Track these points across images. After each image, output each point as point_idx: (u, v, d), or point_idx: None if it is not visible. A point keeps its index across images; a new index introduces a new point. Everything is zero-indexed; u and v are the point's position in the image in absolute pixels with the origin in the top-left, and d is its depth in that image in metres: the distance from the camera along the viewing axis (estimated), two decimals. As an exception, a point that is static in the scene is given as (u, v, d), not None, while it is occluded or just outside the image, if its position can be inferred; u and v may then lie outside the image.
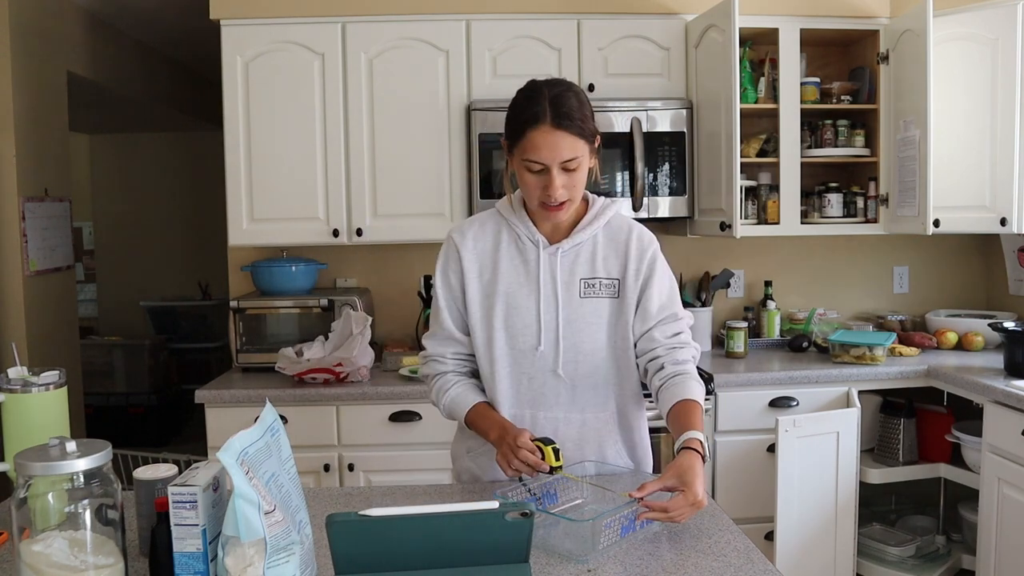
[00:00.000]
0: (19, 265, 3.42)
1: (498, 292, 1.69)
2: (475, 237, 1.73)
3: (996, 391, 2.61)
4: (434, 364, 1.77)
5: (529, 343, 1.69)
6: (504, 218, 1.73)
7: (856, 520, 2.88)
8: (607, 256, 1.72)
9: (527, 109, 1.57)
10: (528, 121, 1.56)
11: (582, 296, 1.69)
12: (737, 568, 1.32)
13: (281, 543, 1.12)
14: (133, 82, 4.78)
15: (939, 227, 3.02)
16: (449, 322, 1.74)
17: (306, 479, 2.80)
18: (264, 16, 3.08)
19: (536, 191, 1.60)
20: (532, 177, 1.60)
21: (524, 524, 1.21)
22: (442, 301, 1.74)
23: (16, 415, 1.44)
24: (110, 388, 5.43)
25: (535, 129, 1.56)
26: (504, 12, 3.12)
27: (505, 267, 1.70)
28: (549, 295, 1.68)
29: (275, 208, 3.12)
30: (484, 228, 1.74)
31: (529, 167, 1.59)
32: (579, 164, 1.59)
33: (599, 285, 1.70)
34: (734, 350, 3.20)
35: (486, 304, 1.71)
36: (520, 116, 1.58)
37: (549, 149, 1.56)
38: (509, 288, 1.70)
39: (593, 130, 1.62)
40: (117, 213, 6.89)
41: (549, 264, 1.69)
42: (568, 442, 1.70)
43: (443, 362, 1.76)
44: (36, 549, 1.14)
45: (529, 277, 1.70)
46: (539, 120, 1.56)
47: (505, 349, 1.70)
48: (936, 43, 2.96)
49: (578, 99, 1.60)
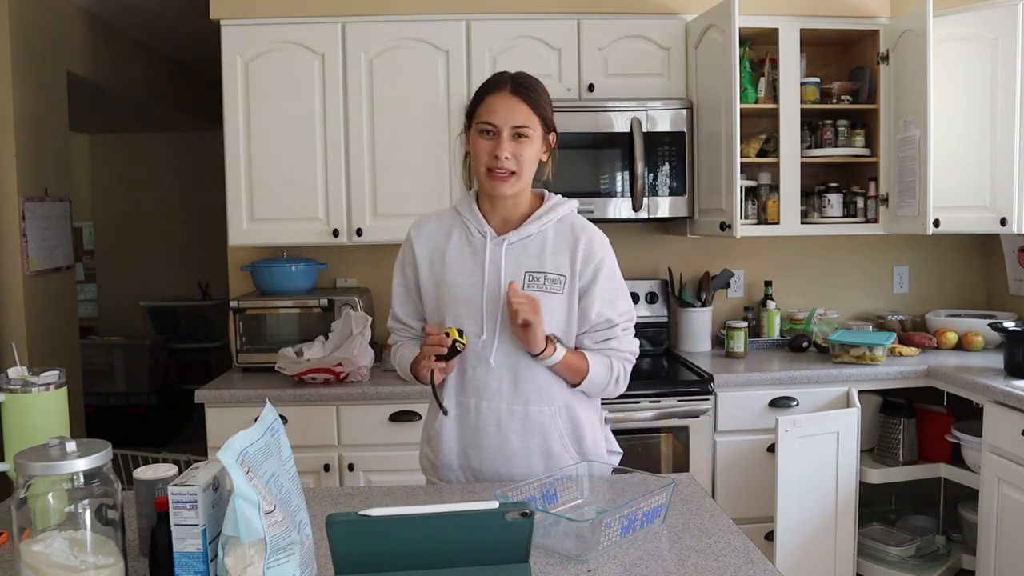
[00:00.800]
0: (19, 265, 3.42)
1: (447, 282, 1.76)
2: (429, 230, 1.83)
3: (996, 391, 2.61)
4: (393, 336, 1.94)
5: (473, 332, 1.72)
6: (458, 212, 1.82)
7: (856, 520, 2.88)
8: (556, 252, 1.75)
9: (490, 81, 1.71)
10: (488, 88, 1.70)
11: (524, 289, 1.71)
12: (737, 568, 1.32)
13: (281, 543, 1.12)
14: (133, 82, 4.78)
15: (939, 227, 3.02)
16: (399, 309, 1.88)
17: (306, 479, 2.80)
18: (264, 16, 3.09)
19: (485, 156, 1.69)
20: (484, 143, 1.69)
21: (524, 524, 1.21)
22: (396, 289, 1.87)
23: (16, 415, 1.44)
24: (110, 388, 5.43)
25: (493, 94, 1.69)
26: (504, 12, 3.12)
27: (453, 258, 1.77)
28: (492, 285, 1.72)
29: (275, 208, 3.12)
30: (440, 222, 1.84)
31: (483, 130, 1.69)
32: (530, 136, 1.70)
33: (544, 279, 1.73)
34: (734, 350, 3.20)
35: (436, 294, 1.78)
36: (483, 87, 1.71)
37: (504, 111, 1.67)
38: (456, 278, 1.75)
39: (549, 118, 1.75)
40: (117, 213, 6.90)
41: (494, 255, 1.73)
42: (511, 434, 1.74)
43: (398, 334, 1.92)
44: (36, 549, 1.14)
45: (476, 267, 1.74)
46: (499, 87, 1.69)
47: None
48: (936, 43, 2.96)
49: (541, 86, 1.74)
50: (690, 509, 1.59)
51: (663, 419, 2.83)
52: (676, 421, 2.84)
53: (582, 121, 3.06)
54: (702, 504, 1.62)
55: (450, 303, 1.75)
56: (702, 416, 2.86)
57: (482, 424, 1.75)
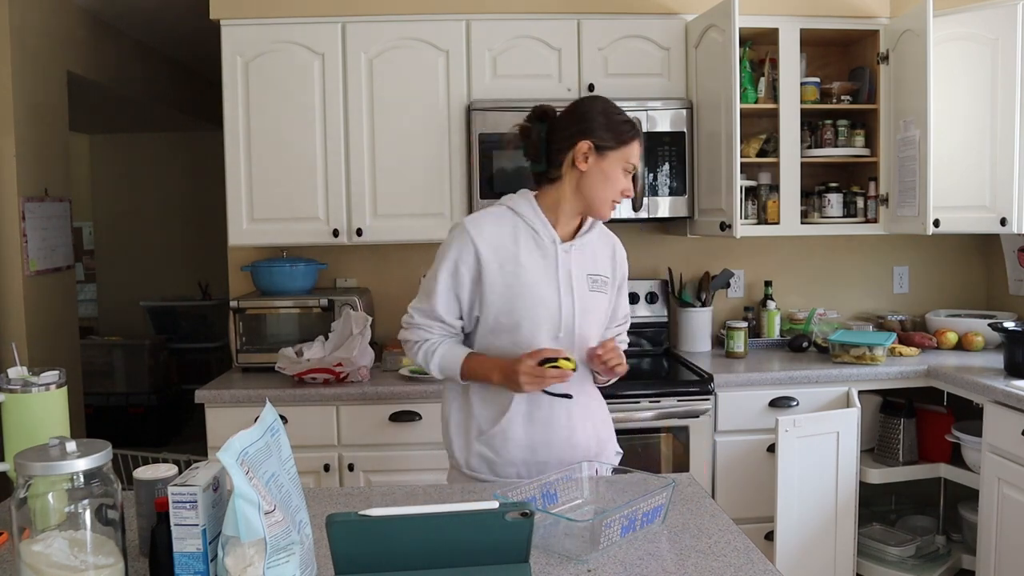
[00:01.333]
0: (19, 265, 3.42)
1: (524, 284, 1.81)
2: (491, 230, 1.83)
3: (996, 391, 2.61)
4: (419, 331, 1.88)
5: (551, 332, 1.83)
6: (519, 215, 1.86)
7: (856, 520, 2.88)
8: (600, 256, 1.94)
9: (628, 123, 1.83)
10: (634, 133, 1.83)
11: (590, 290, 1.88)
12: (737, 568, 1.32)
13: (281, 543, 1.12)
14: (133, 82, 4.78)
15: (939, 227, 3.02)
16: (441, 307, 1.84)
17: (306, 479, 2.80)
18: (264, 16, 3.09)
19: (618, 190, 1.83)
20: (622, 180, 1.84)
21: (524, 524, 1.21)
22: (441, 286, 1.83)
23: (16, 415, 1.44)
24: (110, 388, 5.43)
25: (637, 140, 1.84)
26: (504, 12, 3.12)
27: (526, 261, 1.82)
28: (566, 288, 1.84)
29: (275, 208, 3.12)
30: (500, 222, 1.85)
31: (626, 168, 1.83)
32: None
33: (599, 281, 1.91)
34: (734, 350, 3.20)
35: (509, 295, 1.81)
36: (625, 127, 1.82)
37: (638, 157, 1.86)
38: (533, 280, 1.82)
39: None
40: (117, 213, 6.90)
41: (564, 260, 1.85)
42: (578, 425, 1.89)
43: (429, 331, 1.87)
44: (36, 549, 1.14)
45: (549, 271, 1.84)
46: (638, 133, 1.85)
47: (529, 336, 1.81)
48: (936, 43, 2.96)
49: None
50: (690, 509, 1.59)
51: (663, 419, 2.83)
52: (676, 421, 2.84)
53: (582, 121, 3.06)
54: (702, 504, 1.62)
55: (529, 306, 1.81)
56: (702, 416, 2.86)
57: (554, 418, 1.85)
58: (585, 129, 1.80)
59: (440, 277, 1.82)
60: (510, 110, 3.03)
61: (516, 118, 3.00)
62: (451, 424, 1.91)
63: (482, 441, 1.86)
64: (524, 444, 1.84)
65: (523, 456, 1.85)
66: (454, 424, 1.91)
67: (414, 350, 1.88)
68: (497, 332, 1.83)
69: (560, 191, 1.84)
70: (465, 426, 1.89)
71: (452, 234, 1.84)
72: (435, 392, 2.81)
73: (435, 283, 1.83)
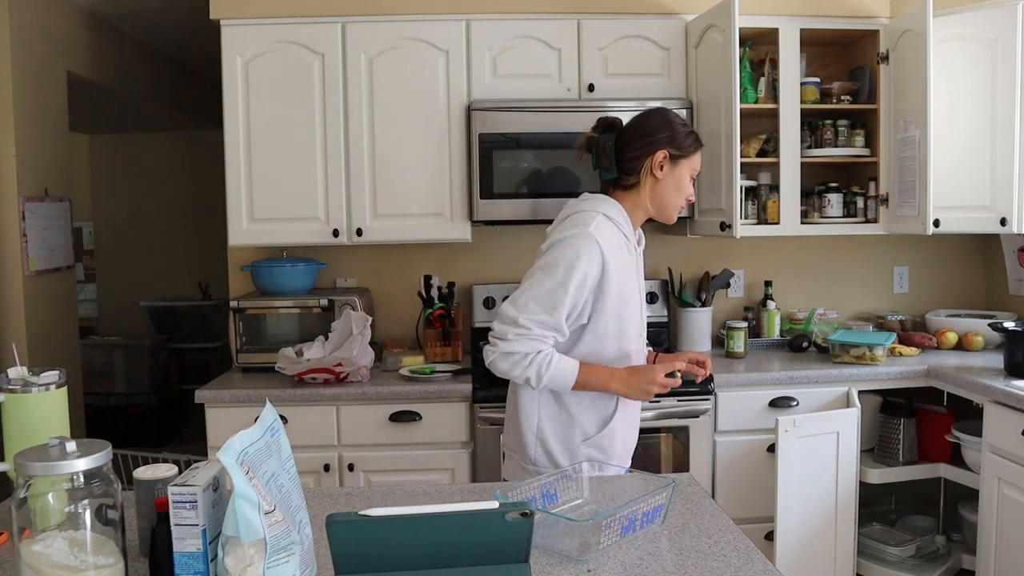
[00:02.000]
0: (19, 265, 3.42)
1: (629, 291, 1.91)
2: (608, 238, 1.87)
3: (996, 391, 2.61)
4: (533, 343, 1.83)
5: (639, 335, 1.98)
6: (613, 221, 1.90)
7: (856, 520, 2.88)
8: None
9: (693, 133, 1.95)
10: (699, 142, 1.96)
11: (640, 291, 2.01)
12: (737, 568, 1.32)
13: (281, 543, 1.12)
14: (134, 82, 4.78)
15: (939, 227, 3.02)
16: (563, 316, 1.83)
17: (306, 479, 2.80)
18: (264, 16, 3.09)
19: (685, 195, 1.95)
20: (689, 185, 1.96)
21: (524, 524, 1.21)
22: (570, 297, 1.82)
23: (16, 415, 1.44)
24: (110, 388, 5.43)
25: (701, 148, 1.97)
26: (504, 12, 3.12)
27: (628, 267, 1.92)
28: (642, 292, 2.01)
29: (275, 208, 3.12)
30: (610, 228, 1.90)
31: (692, 176, 1.96)
32: None
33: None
34: (734, 350, 3.20)
35: (620, 301, 1.89)
36: (692, 137, 1.94)
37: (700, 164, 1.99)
38: (632, 286, 1.93)
39: None
40: (117, 213, 6.89)
41: (639, 264, 2.00)
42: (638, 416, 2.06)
43: (544, 342, 1.84)
44: (36, 549, 1.14)
45: (635, 276, 1.96)
46: (702, 143, 1.98)
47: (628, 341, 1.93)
48: (936, 43, 2.96)
49: None
50: (690, 509, 1.59)
51: (663, 419, 2.83)
52: (676, 421, 2.84)
53: (582, 121, 3.06)
54: (702, 504, 1.62)
55: (631, 311, 1.92)
56: (702, 416, 2.86)
57: (638, 411, 2.04)
58: (660, 139, 1.90)
59: (571, 287, 1.81)
60: (510, 110, 3.03)
61: (516, 118, 3.05)
62: (548, 435, 1.92)
63: (589, 444, 1.92)
64: (624, 438, 1.98)
65: (622, 449, 1.98)
66: (551, 435, 1.92)
67: (524, 362, 1.82)
68: (605, 339, 1.89)
69: (635, 198, 1.94)
70: (567, 434, 1.92)
71: (577, 243, 1.83)
72: (435, 392, 2.81)
73: (564, 293, 1.81)
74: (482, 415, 2.79)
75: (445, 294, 3.24)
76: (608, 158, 1.93)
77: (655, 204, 1.94)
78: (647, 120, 1.94)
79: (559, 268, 1.81)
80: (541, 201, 3.06)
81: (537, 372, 1.82)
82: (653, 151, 1.89)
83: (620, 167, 1.92)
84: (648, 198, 1.93)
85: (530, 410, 1.93)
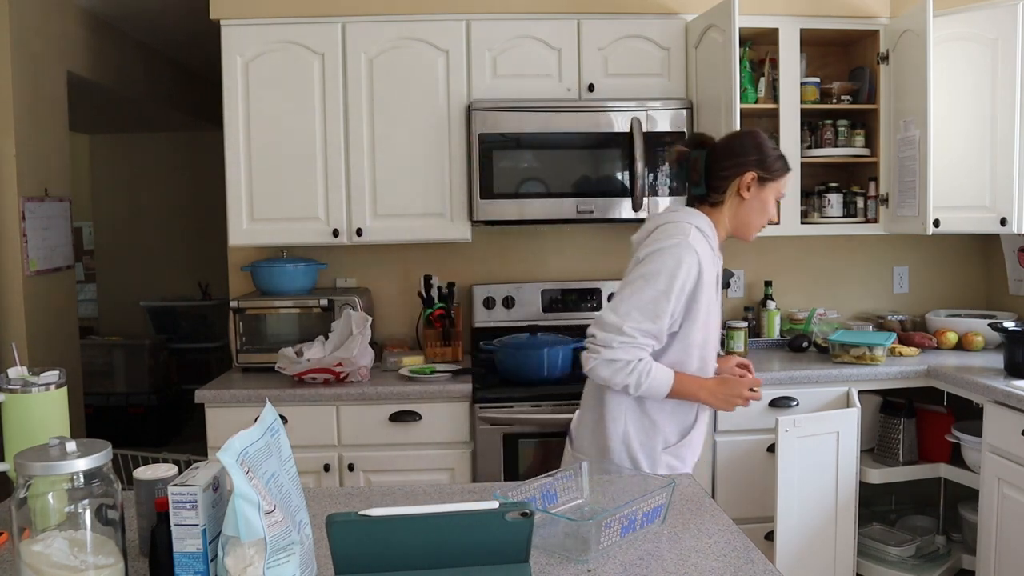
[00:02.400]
0: (19, 265, 3.42)
1: (713, 301, 1.97)
2: (704, 249, 1.93)
3: (996, 391, 2.61)
4: (636, 351, 1.87)
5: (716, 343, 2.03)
6: (703, 234, 1.96)
7: (856, 520, 2.87)
8: None
9: (782, 157, 2.01)
10: (788, 166, 2.02)
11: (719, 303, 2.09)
12: (737, 568, 1.32)
13: (281, 543, 1.12)
14: (134, 82, 4.78)
15: (939, 227, 3.02)
16: (665, 325, 1.88)
17: (306, 479, 2.80)
18: (264, 16, 3.09)
19: (767, 217, 2.02)
20: (772, 207, 2.02)
21: (524, 524, 1.21)
22: (671, 305, 1.87)
23: (16, 415, 1.44)
24: (110, 388, 5.43)
25: (789, 172, 2.02)
26: (504, 12, 3.12)
27: (714, 278, 1.96)
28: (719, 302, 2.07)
29: (275, 208, 3.12)
30: (702, 242, 1.94)
31: (777, 199, 2.02)
32: None
33: None
34: (734, 350, 3.20)
35: (708, 311, 1.94)
36: (781, 161, 2.01)
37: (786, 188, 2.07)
38: (713, 297, 1.97)
39: None
40: (117, 213, 6.89)
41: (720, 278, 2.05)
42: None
43: (645, 350, 1.89)
44: (36, 549, 1.14)
45: (716, 288, 1.99)
46: (790, 167, 2.04)
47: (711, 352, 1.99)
48: (936, 43, 2.96)
49: None
50: (690, 509, 1.59)
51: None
52: (676, 421, 2.84)
53: (582, 121, 3.06)
54: (702, 504, 1.62)
55: (715, 322, 2.00)
56: (702, 416, 2.86)
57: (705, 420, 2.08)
58: (751, 161, 1.96)
59: (672, 296, 1.86)
60: (510, 110, 3.03)
61: (516, 118, 3.05)
62: (633, 441, 1.96)
63: (669, 452, 1.98)
64: (697, 449, 2.04)
65: (693, 460, 2.04)
66: (637, 441, 1.96)
67: (626, 369, 1.86)
68: (692, 348, 1.93)
69: (720, 215, 2.00)
70: (650, 441, 1.97)
71: (678, 252, 1.87)
72: (435, 392, 2.81)
73: (667, 302, 1.86)
74: (482, 415, 2.79)
75: (445, 294, 3.24)
76: (698, 174, 1.98)
77: (736, 223, 2.00)
78: (739, 141, 1.99)
79: (661, 277, 1.86)
80: (541, 201, 3.06)
81: (637, 380, 1.86)
82: (742, 172, 1.95)
83: (709, 184, 1.98)
84: (731, 217, 2.00)
85: (617, 416, 1.97)
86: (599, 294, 3.40)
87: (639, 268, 1.90)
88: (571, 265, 3.53)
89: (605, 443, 1.97)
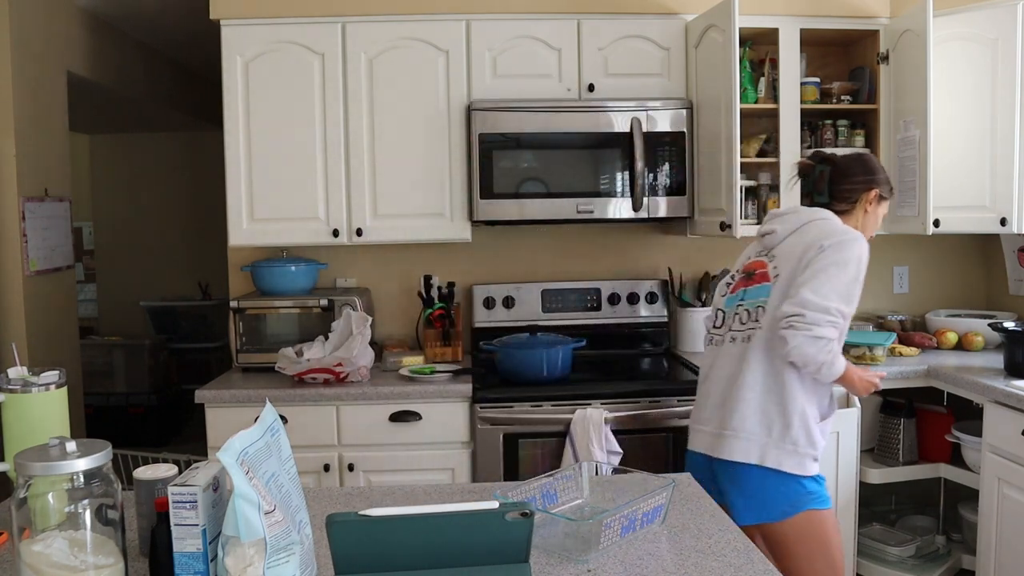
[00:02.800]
0: (19, 265, 3.42)
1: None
2: None
3: (996, 391, 2.61)
4: (835, 331, 2.02)
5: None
6: None
7: (856, 520, 2.88)
8: None
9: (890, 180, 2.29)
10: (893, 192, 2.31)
11: None
12: (737, 568, 1.32)
13: (281, 543, 1.12)
14: (134, 82, 4.78)
15: (939, 227, 3.02)
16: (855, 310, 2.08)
17: (306, 479, 2.80)
18: (264, 16, 3.09)
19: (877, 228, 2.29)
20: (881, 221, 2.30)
21: (524, 524, 1.21)
22: (859, 291, 2.06)
23: (16, 415, 1.44)
24: (110, 388, 5.43)
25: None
26: (504, 12, 3.12)
27: None
28: None
29: (275, 208, 3.12)
30: None
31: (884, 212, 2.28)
32: None
33: None
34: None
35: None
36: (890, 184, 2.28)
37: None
38: None
39: None
40: (117, 213, 6.90)
41: None
42: None
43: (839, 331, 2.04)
44: (36, 549, 1.14)
45: None
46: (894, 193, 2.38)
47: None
48: (936, 43, 2.96)
49: None
50: (690, 509, 1.59)
51: (663, 419, 2.83)
52: (676, 421, 2.84)
53: (582, 121, 3.06)
54: (702, 504, 1.62)
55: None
56: (702, 416, 2.86)
57: None
58: (879, 179, 2.24)
59: (860, 283, 2.06)
60: (510, 110, 3.03)
61: (516, 118, 3.05)
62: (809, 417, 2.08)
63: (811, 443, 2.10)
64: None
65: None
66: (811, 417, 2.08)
67: (828, 347, 1.99)
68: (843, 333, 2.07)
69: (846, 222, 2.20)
70: (818, 417, 2.11)
71: (860, 244, 2.07)
72: (435, 392, 2.81)
73: (858, 288, 2.05)
74: (482, 415, 2.79)
75: (445, 294, 3.24)
76: (823, 185, 2.23)
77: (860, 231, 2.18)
78: (868, 160, 2.26)
79: (851, 265, 2.03)
80: (541, 201, 3.06)
81: (832, 358, 2.01)
82: (870, 187, 2.22)
83: (832, 195, 2.22)
84: (854, 226, 2.19)
85: (796, 395, 2.08)
86: (599, 294, 3.40)
87: (824, 256, 2.03)
88: (571, 265, 3.53)
89: (788, 420, 2.06)
